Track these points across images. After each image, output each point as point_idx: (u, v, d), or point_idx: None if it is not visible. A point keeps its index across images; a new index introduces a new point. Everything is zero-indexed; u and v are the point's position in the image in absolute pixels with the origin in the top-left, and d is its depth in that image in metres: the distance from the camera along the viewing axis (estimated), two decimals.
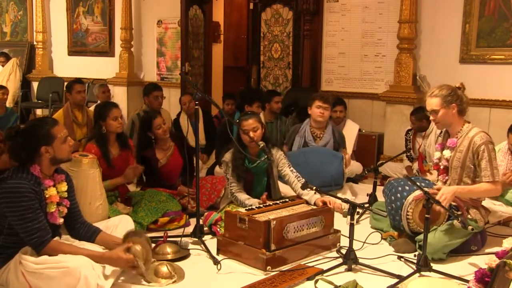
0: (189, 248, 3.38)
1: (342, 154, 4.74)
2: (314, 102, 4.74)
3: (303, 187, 3.52)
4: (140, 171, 4.06)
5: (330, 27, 6.39)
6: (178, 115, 5.96)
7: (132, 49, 7.82)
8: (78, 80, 5.55)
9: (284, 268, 3.12)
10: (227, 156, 3.81)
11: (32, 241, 2.59)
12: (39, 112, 8.65)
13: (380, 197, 4.17)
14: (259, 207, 3.42)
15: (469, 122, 3.44)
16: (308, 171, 3.90)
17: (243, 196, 3.71)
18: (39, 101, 8.54)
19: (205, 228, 3.62)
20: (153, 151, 4.20)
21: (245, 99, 5.70)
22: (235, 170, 3.75)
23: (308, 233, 3.31)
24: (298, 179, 3.70)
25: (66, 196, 2.82)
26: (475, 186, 3.32)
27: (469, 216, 3.37)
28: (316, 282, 2.90)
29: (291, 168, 3.79)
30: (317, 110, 4.71)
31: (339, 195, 4.17)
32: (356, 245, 3.26)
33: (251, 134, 3.71)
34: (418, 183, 3.23)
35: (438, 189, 3.22)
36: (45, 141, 2.68)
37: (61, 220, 2.79)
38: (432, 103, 3.37)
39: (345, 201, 3.29)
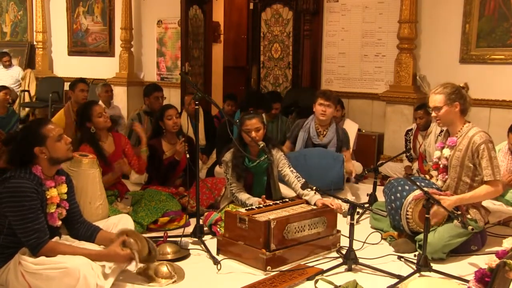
0: (189, 248, 3.38)
1: (343, 157, 4.71)
2: (317, 99, 4.69)
3: (303, 187, 3.52)
4: (127, 164, 4.09)
5: (330, 27, 6.39)
6: (179, 114, 5.95)
7: (132, 49, 7.83)
8: (82, 80, 5.61)
9: (284, 268, 3.11)
10: (227, 156, 3.81)
11: (30, 241, 2.58)
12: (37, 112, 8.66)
13: (380, 197, 4.17)
14: (259, 207, 3.42)
15: (469, 122, 3.45)
16: (308, 176, 3.87)
17: (244, 196, 3.70)
18: (39, 101, 8.54)
19: (205, 228, 3.62)
20: (160, 142, 4.32)
21: (251, 103, 5.61)
22: (234, 169, 3.75)
23: (309, 233, 3.30)
24: (298, 179, 3.69)
25: (66, 198, 2.82)
26: (475, 192, 3.32)
27: (469, 216, 3.38)
28: (316, 282, 2.90)
29: (291, 169, 3.78)
30: (319, 108, 4.65)
31: (339, 195, 4.17)
32: (356, 245, 3.26)
33: (253, 134, 3.70)
34: (418, 183, 3.23)
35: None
36: (37, 142, 2.66)
37: (59, 223, 2.79)
38: (436, 99, 3.38)
39: (345, 201, 3.29)
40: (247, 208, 3.44)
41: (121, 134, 4.28)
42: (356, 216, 3.88)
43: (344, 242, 3.37)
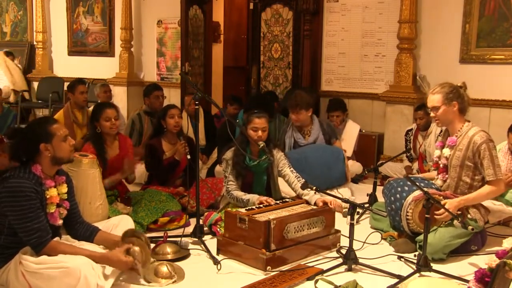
0: (189, 248, 3.39)
1: (343, 153, 4.72)
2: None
3: (303, 187, 3.52)
4: (136, 164, 4.08)
5: (330, 27, 6.39)
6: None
7: (132, 49, 7.82)
8: (81, 81, 5.56)
9: (284, 268, 3.12)
10: (228, 154, 3.80)
11: (31, 241, 2.59)
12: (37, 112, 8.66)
13: (380, 197, 4.17)
14: (259, 207, 3.42)
15: (469, 121, 3.45)
16: (311, 178, 3.87)
17: (239, 193, 3.69)
18: (39, 101, 8.55)
19: (205, 228, 3.62)
20: (160, 141, 4.31)
21: (255, 107, 5.57)
22: (235, 167, 3.74)
23: (308, 233, 3.31)
24: (298, 179, 3.69)
25: (66, 197, 2.82)
26: (479, 192, 3.33)
27: (469, 215, 3.38)
28: (316, 282, 2.90)
29: (291, 169, 3.78)
30: (293, 117, 4.79)
31: (338, 195, 4.17)
32: (356, 245, 3.27)
33: (260, 133, 3.71)
34: (418, 183, 3.23)
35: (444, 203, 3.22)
36: (44, 139, 2.68)
37: (61, 222, 2.80)
38: (434, 99, 3.39)
39: (345, 201, 3.29)
40: (247, 208, 3.44)
41: (127, 137, 4.26)
42: (356, 216, 3.88)
43: (344, 242, 3.37)
